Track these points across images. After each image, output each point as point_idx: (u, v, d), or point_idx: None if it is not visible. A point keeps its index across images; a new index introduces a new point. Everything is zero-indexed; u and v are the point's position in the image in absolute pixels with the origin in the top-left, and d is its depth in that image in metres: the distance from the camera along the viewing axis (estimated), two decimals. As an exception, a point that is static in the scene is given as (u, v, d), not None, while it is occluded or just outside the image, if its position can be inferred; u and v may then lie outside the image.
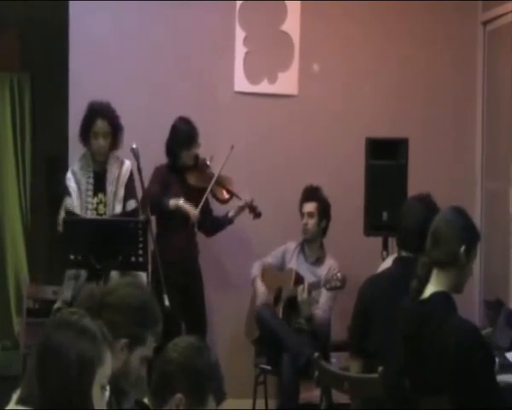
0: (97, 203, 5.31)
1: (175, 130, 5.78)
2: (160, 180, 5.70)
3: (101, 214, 5.27)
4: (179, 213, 5.64)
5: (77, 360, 2.19)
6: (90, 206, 5.28)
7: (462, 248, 3.31)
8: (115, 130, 5.31)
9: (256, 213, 5.87)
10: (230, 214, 5.88)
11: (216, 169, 5.79)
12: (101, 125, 5.26)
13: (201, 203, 5.68)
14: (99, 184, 5.32)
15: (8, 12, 7.65)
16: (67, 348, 2.20)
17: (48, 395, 2.19)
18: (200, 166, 5.83)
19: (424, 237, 3.68)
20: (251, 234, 6.27)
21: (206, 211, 5.83)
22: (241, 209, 5.87)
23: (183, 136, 5.74)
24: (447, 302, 3.32)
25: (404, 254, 4.05)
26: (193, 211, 5.64)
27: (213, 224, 5.92)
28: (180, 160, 5.78)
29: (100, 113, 5.27)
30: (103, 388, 2.26)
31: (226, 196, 5.85)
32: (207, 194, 5.74)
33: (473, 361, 3.18)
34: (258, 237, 6.25)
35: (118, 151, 5.44)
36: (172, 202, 5.62)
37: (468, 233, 3.38)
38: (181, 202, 5.64)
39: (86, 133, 5.30)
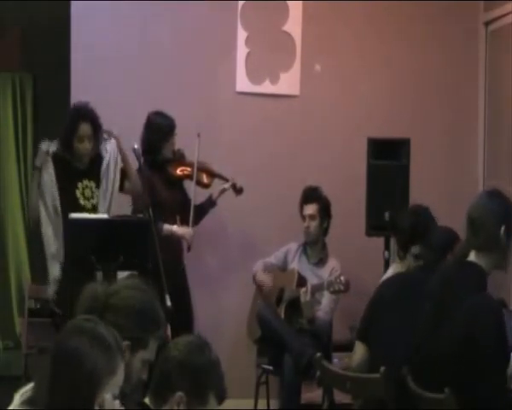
0: (83, 188, 5.28)
1: (153, 125, 5.65)
2: (144, 187, 5.42)
3: (88, 198, 5.26)
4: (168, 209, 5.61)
5: (90, 369, 2.19)
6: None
7: (502, 230, 3.28)
8: (97, 131, 5.27)
9: (237, 190, 5.85)
10: (214, 197, 5.84)
11: (192, 158, 5.70)
12: (86, 128, 5.20)
13: (191, 217, 5.59)
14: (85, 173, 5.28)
15: (9, 12, 7.67)
16: (82, 355, 2.20)
17: (56, 399, 2.19)
18: (178, 158, 5.76)
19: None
20: (253, 235, 6.28)
21: (187, 204, 5.73)
22: (223, 190, 5.84)
23: (163, 128, 5.65)
24: (479, 278, 3.29)
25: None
26: (187, 232, 5.59)
27: (196, 214, 5.75)
28: (161, 154, 5.67)
29: (84, 116, 5.21)
30: (114, 396, 2.26)
31: (208, 179, 5.82)
32: (194, 184, 5.67)
33: (484, 340, 3.17)
34: (259, 237, 6.25)
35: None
36: (166, 229, 5.54)
37: (504, 213, 3.32)
38: (174, 228, 5.58)
39: (71, 137, 5.23)
